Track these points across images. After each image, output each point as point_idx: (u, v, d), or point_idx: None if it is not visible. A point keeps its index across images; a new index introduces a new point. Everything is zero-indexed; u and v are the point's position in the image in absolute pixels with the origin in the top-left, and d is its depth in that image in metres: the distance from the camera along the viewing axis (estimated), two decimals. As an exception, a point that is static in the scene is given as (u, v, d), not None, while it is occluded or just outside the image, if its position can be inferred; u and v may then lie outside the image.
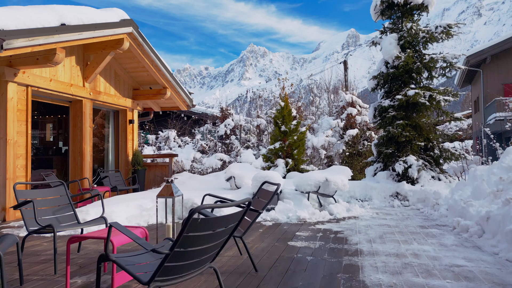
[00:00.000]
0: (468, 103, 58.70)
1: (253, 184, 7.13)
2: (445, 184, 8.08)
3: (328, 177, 7.04)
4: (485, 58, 25.41)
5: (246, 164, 8.70)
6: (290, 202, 6.91)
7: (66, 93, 8.12)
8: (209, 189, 8.35)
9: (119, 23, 8.08)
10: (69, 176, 8.90)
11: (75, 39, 6.90)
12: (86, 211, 5.81)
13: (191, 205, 6.57)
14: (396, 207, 7.79)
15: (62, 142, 12.40)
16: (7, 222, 6.59)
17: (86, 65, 8.74)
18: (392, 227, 5.76)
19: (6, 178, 6.75)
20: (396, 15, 9.10)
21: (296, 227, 5.89)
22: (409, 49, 8.76)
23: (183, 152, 16.65)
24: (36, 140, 12.37)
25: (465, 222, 5.29)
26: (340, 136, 16.72)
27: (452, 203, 6.11)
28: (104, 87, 9.45)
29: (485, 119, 25.74)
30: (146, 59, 9.39)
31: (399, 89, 8.77)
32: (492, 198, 5.57)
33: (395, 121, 8.42)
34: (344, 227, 5.80)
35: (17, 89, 7.00)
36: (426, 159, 8.49)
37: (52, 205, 4.33)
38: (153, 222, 6.34)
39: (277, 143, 9.96)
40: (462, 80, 31.97)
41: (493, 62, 25.64)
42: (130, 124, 10.46)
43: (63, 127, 12.45)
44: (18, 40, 5.68)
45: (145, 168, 10.20)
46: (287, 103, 10.25)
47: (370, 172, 9.07)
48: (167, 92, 10.38)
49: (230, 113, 17.92)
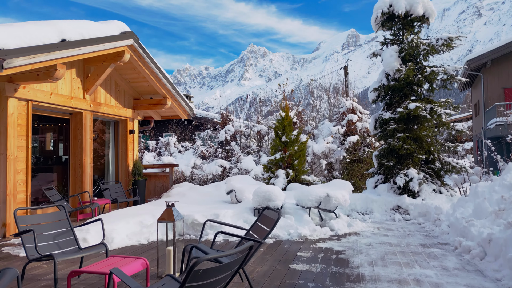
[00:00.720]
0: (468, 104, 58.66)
1: (254, 199, 7.11)
2: (446, 197, 8.06)
3: (329, 192, 7.02)
4: (485, 62, 25.41)
5: (247, 176, 8.68)
6: (291, 217, 6.90)
7: (67, 106, 8.10)
8: (210, 202, 8.34)
9: (120, 36, 8.07)
10: (69, 188, 8.89)
11: (76, 54, 6.88)
12: (87, 229, 5.78)
13: (191, 222, 6.55)
14: (397, 221, 7.77)
15: (62, 151, 12.38)
16: (7, 238, 6.57)
17: (86, 77, 8.72)
18: (393, 246, 5.74)
19: (6, 194, 6.73)
20: (397, 27, 9.08)
21: (297, 245, 5.87)
22: (410, 61, 8.74)
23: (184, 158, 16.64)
24: (37, 149, 12.35)
25: (466, 243, 5.27)
26: (341, 142, 16.71)
27: (454, 221, 6.10)
28: (105, 98, 9.44)
29: (486, 123, 25.71)
30: (146, 70, 9.38)
31: (400, 101, 8.75)
32: (493, 217, 5.55)
33: (396, 133, 8.40)
34: (345, 246, 5.78)
35: (17, 104, 6.98)
36: (427, 171, 8.48)
37: (53, 230, 4.31)
38: (153, 239, 6.32)
39: (278, 153, 9.95)
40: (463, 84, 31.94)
41: (494, 66, 25.63)
42: (131, 134, 10.45)
43: (64, 135, 12.43)
44: (18, 58, 5.66)
45: (145, 179, 10.19)
46: (288, 113, 10.23)
47: (371, 184, 9.05)
48: (167, 102, 10.36)
49: (231, 118, 17.90)
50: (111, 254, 5.51)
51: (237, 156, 16.21)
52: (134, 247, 5.89)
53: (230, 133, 17.29)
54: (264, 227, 4.03)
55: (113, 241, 5.82)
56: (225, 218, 6.67)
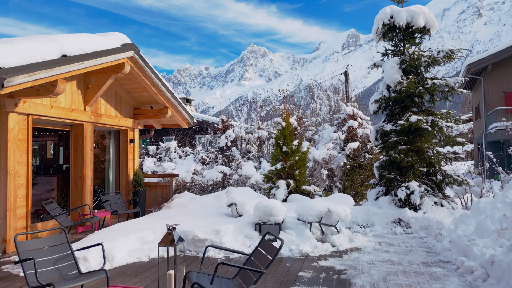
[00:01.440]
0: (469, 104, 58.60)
1: (255, 214, 7.08)
2: (448, 210, 8.04)
3: (331, 207, 7.00)
4: (486, 66, 25.39)
5: (248, 189, 8.66)
6: (292, 233, 6.87)
7: (67, 118, 8.08)
8: (210, 214, 8.32)
9: (120, 48, 8.05)
10: (69, 198, 8.87)
11: (76, 69, 6.87)
12: (88, 249, 5.75)
13: (192, 238, 6.53)
14: (398, 235, 7.75)
15: (63, 159, 12.35)
16: (7, 254, 6.55)
17: (87, 89, 8.70)
18: (395, 265, 5.72)
19: (7, 210, 6.71)
20: (398, 38, 9.06)
21: (299, 263, 5.85)
22: (411, 72, 8.72)
23: (184, 163, 16.61)
24: (37, 157, 12.33)
25: (469, 263, 5.24)
26: (341, 148, 16.68)
27: (456, 239, 6.07)
28: (105, 109, 9.41)
29: (486, 127, 25.70)
30: (147, 80, 9.36)
31: (401, 113, 8.73)
32: (496, 237, 5.53)
33: (397, 146, 8.38)
34: (347, 264, 5.76)
35: (18, 119, 6.96)
36: (429, 184, 8.45)
37: (53, 254, 4.29)
38: (154, 256, 6.30)
39: (279, 164, 9.93)
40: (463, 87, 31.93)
41: (494, 70, 25.60)
42: (131, 144, 10.43)
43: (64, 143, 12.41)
44: (19, 76, 5.65)
45: (145, 189, 10.16)
46: (288, 123, 10.21)
47: (372, 195, 9.03)
48: (168, 112, 10.35)
49: (231, 124, 17.88)
50: (111, 273, 5.50)
51: (237, 162, 16.19)
52: (134, 265, 5.86)
53: (231, 138, 17.26)
54: (266, 255, 4.00)
55: (113, 260, 5.81)
56: (226, 235, 6.64)
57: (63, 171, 11.84)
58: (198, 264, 5.96)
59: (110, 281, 5.10)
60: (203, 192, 15.76)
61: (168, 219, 7.79)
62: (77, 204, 8.61)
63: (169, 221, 7.61)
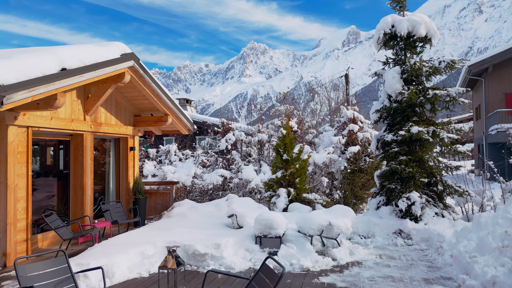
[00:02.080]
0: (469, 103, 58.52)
1: (256, 227, 7.07)
2: (449, 221, 8.03)
3: (332, 221, 6.98)
4: (487, 68, 25.32)
5: (248, 199, 8.63)
6: (293, 246, 6.86)
7: (67, 129, 8.05)
8: (211, 225, 8.30)
9: (120, 58, 8.01)
10: (70, 207, 8.85)
11: (76, 82, 6.83)
12: (87, 264, 5.75)
13: (192, 252, 6.51)
14: (399, 246, 7.73)
15: (63, 165, 12.32)
16: (8, 268, 6.54)
17: (87, 98, 8.66)
18: (396, 282, 5.71)
19: (7, 223, 6.69)
20: (399, 46, 9.02)
21: (299, 279, 5.84)
22: (412, 82, 8.69)
23: (184, 167, 16.60)
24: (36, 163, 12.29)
25: (470, 282, 5.23)
26: (342, 151, 16.65)
27: (457, 255, 6.06)
28: (105, 118, 9.38)
29: (487, 128, 25.67)
30: (147, 89, 9.32)
31: (402, 122, 8.70)
32: (497, 254, 5.51)
33: (398, 156, 8.36)
34: (348, 281, 5.74)
35: (17, 132, 6.93)
36: (430, 194, 8.44)
37: (53, 277, 4.28)
38: (154, 271, 6.28)
39: (279, 172, 9.91)
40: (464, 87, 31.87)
41: (495, 71, 25.55)
42: (131, 151, 10.40)
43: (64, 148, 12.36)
44: (18, 93, 5.61)
45: (146, 197, 10.15)
46: (289, 131, 10.18)
47: (373, 204, 9.02)
48: (168, 119, 10.32)
49: (231, 127, 17.85)
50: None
51: (237, 165, 16.18)
52: (135, 282, 5.85)
53: (231, 141, 17.24)
54: (267, 281, 3.98)
55: (114, 276, 5.79)
56: (226, 249, 6.63)
57: (63, 176, 11.80)
58: (198, 280, 5.95)
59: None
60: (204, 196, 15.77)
61: (168, 230, 7.78)
62: (77, 214, 8.60)
63: (169, 233, 7.60)
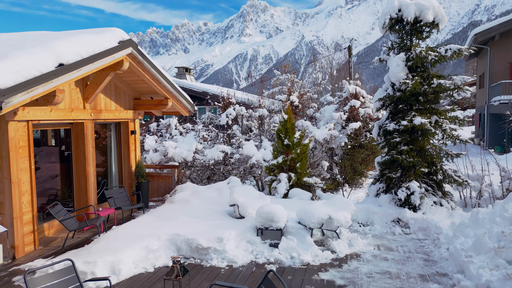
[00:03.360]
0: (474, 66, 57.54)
1: (257, 219, 7.21)
2: (447, 211, 8.17)
3: (332, 214, 7.10)
4: (493, 36, 24.67)
5: (250, 187, 8.73)
6: (294, 239, 7.03)
7: (67, 119, 8.00)
8: (213, 213, 8.45)
9: (118, 47, 7.80)
10: (74, 195, 8.97)
11: (74, 77, 6.71)
12: (94, 262, 5.92)
13: (196, 246, 6.69)
14: (397, 235, 7.92)
15: (65, 146, 12.35)
16: (17, 260, 6.74)
17: (85, 86, 8.53)
18: (393, 279, 5.90)
19: (13, 218, 6.83)
20: (405, 31, 8.75)
21: (300, 275, 6.03)
22: (417, 69, 8.52)
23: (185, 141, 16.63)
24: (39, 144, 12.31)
25: (465, 283, 5.41)
26: (343, 127, 16.64)
27: (454, 251, 6.22)
28: (105, 104, 9.29)
29: (490, 98, 25.44)
30: (146, 74, 9.16)
31: (404, 111, 8.62)
32: (493, 255, 5.67)
33: (399, 146, 8.36)
34: (346, 278, 5.94)
35: (18, 127, 6.89)
36: (429, 183, 8.52)
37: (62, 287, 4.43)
38: (159, 265, 6.48)
39: (280, 157, 9.95)
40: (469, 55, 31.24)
41: (502, 39, 24.92)
42: (132, 135, 10.39)
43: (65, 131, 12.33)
44: (16, 96, 5.54)
45: (148, 180, 10.26)
46: (291, 115, 10.11)
47: (373, 191, 9.13)
48: (168, 103, 10.22)
49: (232, 102, 17.70)
50: (117, 287, 5.68)
51: (238, 141, 16.21)
52: (141, 277, 6.05)
53: (232, 116, 17.17)
54: (269, 297, 4.12)
55: (120, 273, 5.98)
56: (229, 242, 6.81)
57: (65, 157, 11.87)
58: (202, 274, 6.15)
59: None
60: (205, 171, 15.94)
61: (171, 220, 7.93)
62: (81, 202, 8.74)
63: (173, 223, 7.76)
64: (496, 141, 24.48)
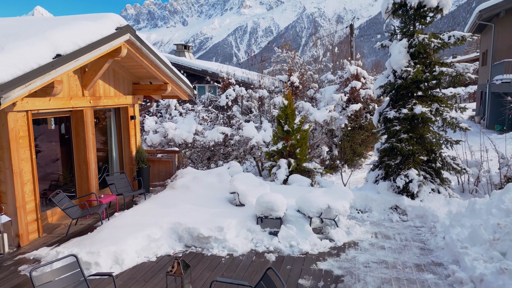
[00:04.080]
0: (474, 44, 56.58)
1: (257, 208, 7.31)
2: (444, 198, 8.26)
3: (330, 204, 7.20)
4: (498, 12, 24.14)
5: (250, 175, 8.78)
6: (293, 227, 7.15)
7: (66, 107, 7.97)
8: (214, 200, 8.55)
9: (115, 34, 7.68)
10: (75, 182, 9.06)
11: (72, 67, 6.63)
12: (98, 252, 6.06)
13: (197, 235, 6.81)
14: (394, 222, 8.05)
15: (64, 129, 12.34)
16: (22, 249, 6.89)
17: (84, 72, 8.45)
18: (390, 268, 6.05)
19: (16, 207, 6.92)
20: (408, 15, 8.57)
21: (299, 265, 6.17)
22: (419, 56, 8.40)
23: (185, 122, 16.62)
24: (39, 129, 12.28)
25: (460, 274, 5.55)
26: (343, 108, 16.57)
27: (449, 242, 6.35)
28: (104, 90, 9.22)
29: (492, 76, 25.19)
30: (145, 60, 9.06)
31: (405, 98, 8.57)
32: (488, 246, 5.79)
33: (399, 134, 8.36)
34: (344, 268, 6.08)
35: (17, 117, 6.88)
36: (428, 170, 8.58)
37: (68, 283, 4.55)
38: (161, 254, 6.63)
39: (280, 143, 9.97)
40: (473, 31, 30.69)
41: (507, 16, 24.40)
42: (132, 120, 10.37)
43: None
44: (15, 90, 5.50)
45: (149, 165, 10.33)
46: (291, 101, 10.05)
47: (372, 178, 9.21)
48: (167, 88, 10.15)
49: (232, 83, 17.55)
50: (122, 277, 5.84)
51: (238, 122, 16.19)
52: (143, 267, 6.20)
53: (231, 97, 17.07)
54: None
55: (123, 263, 6.12)
56: (229, 231, 6.93)
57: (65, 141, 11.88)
58: (203, 263, 6.30)
59: (122, 290, 5.46)
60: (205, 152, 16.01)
61: (172, 208, 8.04)
62: (83, 189, 8.83)
63: (174, 211, 7.87)
64: (496, 120, 24.43)
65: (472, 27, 28.59)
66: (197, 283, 5.69)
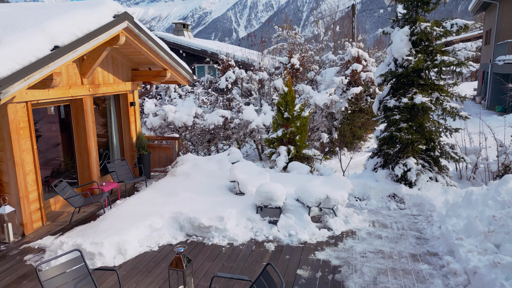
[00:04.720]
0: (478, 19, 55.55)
1: (256, 198, 7.41)
2: (442, 187, 8.35)
3: (329, 194, 7.29)
4: (504, -10, 23.63)
5: (250, 163, 8.84)
6: (292, 216, 7.27)
7: (66, 96, 7.96)
8: (214, 188, 8.65)
9: (113, 22, 7.58)
10: (77, 170, 9.14)
11: (70, 58, 6.58)
12: (101, 243, 6.19)
13: (198, 225, 6.94)
14: (392, 210, 8.19)
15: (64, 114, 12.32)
16: (26, 238, 7.03)
17: (82, 61, 8.38)
18: (386, 259, 6.20)
19: (19, 197, 7.02)
20: (411, 2, 8.42)
21: (297, 255, 6.33)
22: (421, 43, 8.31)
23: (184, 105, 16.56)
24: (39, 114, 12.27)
25: (454, 265, 5.70)
26: (343, 91, 16.49)
27: (445, 232, 6.48)
28: (103, 77, 9.17)
29: (494, 56, 24.91)
30: (143, 47, 8.97)
31: (405, 87, 8.53)
32: (482, 238, 5.91)
33: (399, 123, 8.37)
34: (341, 258, 6.23)
35: (17, 108, 6.88)
36: (426, 159, 8.64)
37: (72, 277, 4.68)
38: (163, 243, 6.78)
39: (280, 130, 9.99)
40: (477, 9, 30.14)
41: (512, -6, 23.87)
42: (132, 106, 10.36)
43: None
44: (14, 85, 5.48)
45: (149, 152, 10.38)
46: (291, 88, 10.00)
47: (370, 165, 9.28)
48: (167, 74, 10.10)
49: (231, 65, 17.38)
50: (125, 267, 5.99)
51: (238, 106, 16.15)
52: (146, 256, 6.36)
53: (231, 80, 16.95)
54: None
55: (126, 253, 6.27)
56: (229, 220, 7.06)
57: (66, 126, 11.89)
58: (204, 253, 6.45)
59: (123, 280, 5.62)
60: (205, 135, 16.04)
61: (173, 196, 8.14)
62: (84, 177, 8.92)
63: (175, 199, 7.97)
64: (497, 100, 24.32)
65: (476, 5, 28.05)
66: (198, 273, 5.85)
